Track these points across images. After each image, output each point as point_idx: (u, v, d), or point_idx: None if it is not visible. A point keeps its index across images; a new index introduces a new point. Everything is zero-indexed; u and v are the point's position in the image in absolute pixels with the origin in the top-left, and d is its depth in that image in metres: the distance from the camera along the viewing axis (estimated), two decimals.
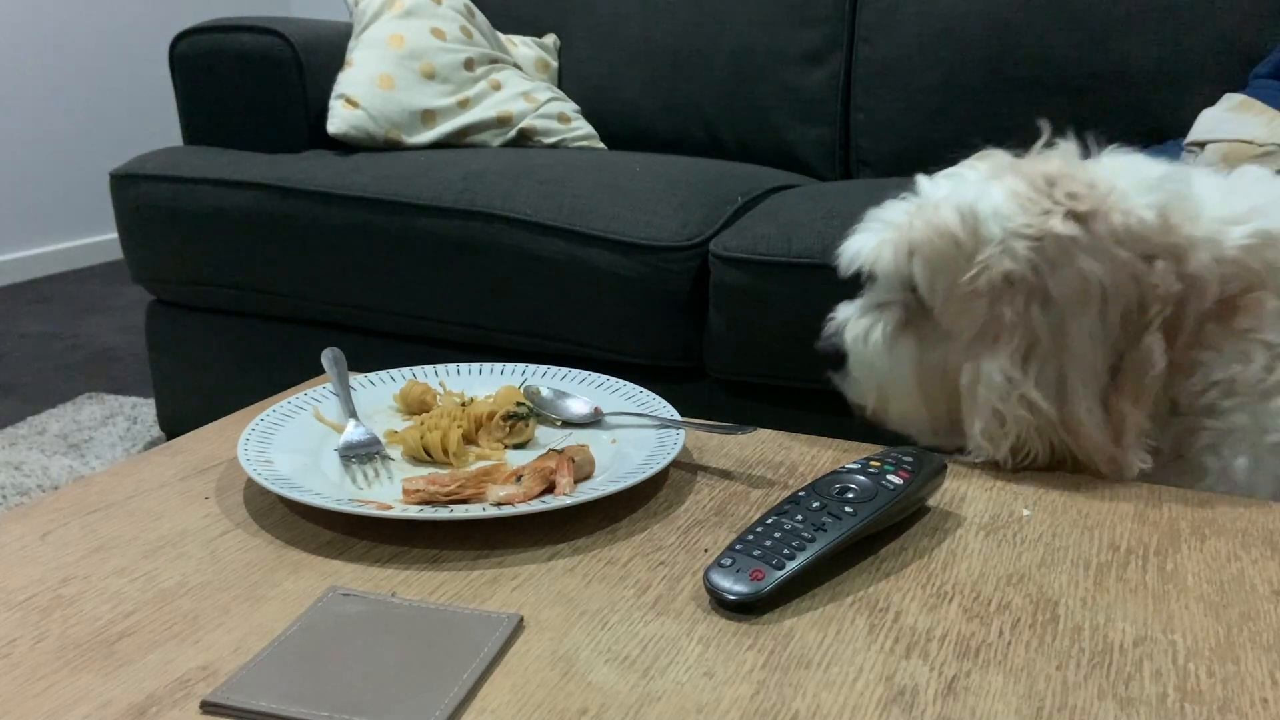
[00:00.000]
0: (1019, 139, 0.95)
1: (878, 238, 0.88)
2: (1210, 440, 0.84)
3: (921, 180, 0.90)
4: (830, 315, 0.95)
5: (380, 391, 0.95)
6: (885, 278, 0.88)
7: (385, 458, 0.82)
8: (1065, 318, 0.79)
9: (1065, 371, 0.80)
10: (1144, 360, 0.80)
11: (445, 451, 0.82)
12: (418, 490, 0.74)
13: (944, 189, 0.86)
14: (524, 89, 1.96)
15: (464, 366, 1.00)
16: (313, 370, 0.99)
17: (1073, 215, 0.80)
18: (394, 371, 0.98)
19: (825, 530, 0.67)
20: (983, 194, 0.83)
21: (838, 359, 0.92)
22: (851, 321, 0.91)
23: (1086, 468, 0.82)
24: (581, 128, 2.01)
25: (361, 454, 0.81)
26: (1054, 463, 0.83)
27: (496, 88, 1.94)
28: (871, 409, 0.91)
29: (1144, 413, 0.81)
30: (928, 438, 0.90)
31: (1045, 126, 0.90)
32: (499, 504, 0.72)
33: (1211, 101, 1.53)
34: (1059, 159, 0.86)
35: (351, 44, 1.89)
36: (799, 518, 0.68)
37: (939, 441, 0.89)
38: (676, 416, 0.88)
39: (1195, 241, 0.81)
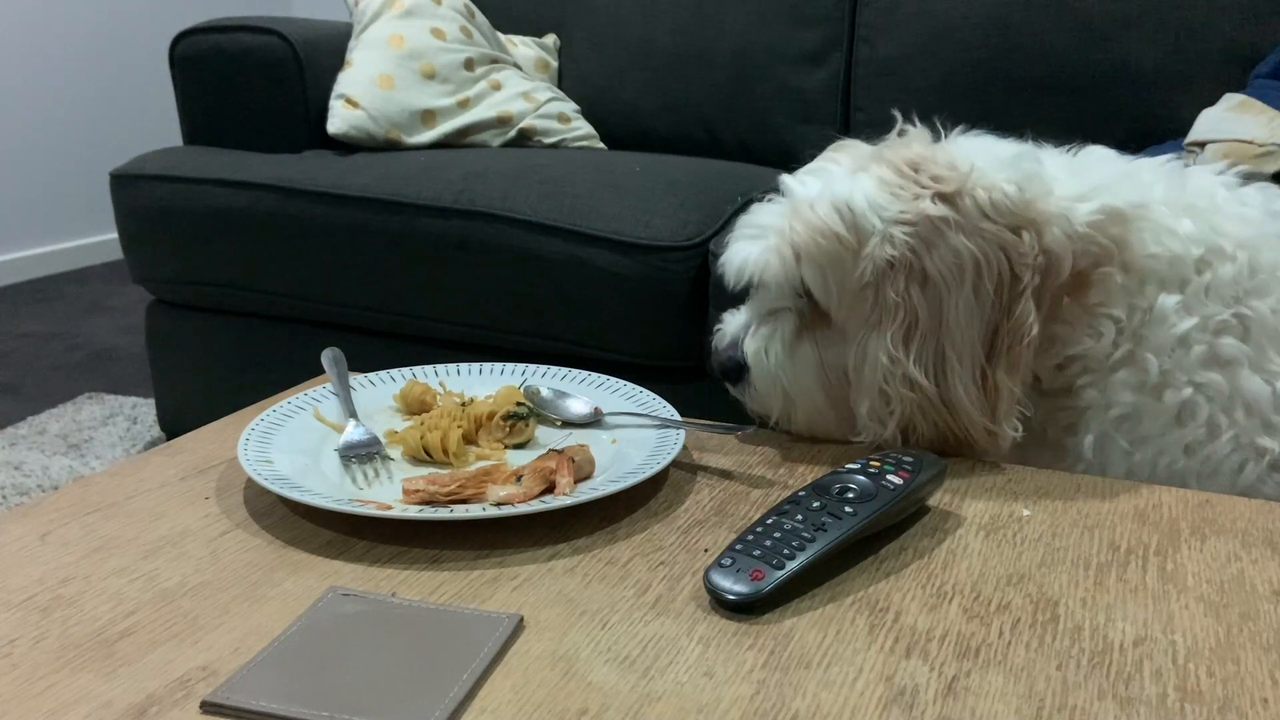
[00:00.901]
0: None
1: (759, 245, 0.87)
2: (1068, 420, 0.87)
3: (787, 180, 0.90)
4: (716, 326, 0.95)
5: (380, 391, 0.95)
6: (776, 285, 0.87)
7: (385, 458, 0.82)
8: (942, 296, 0.81)
9: (944, 348, 0.82)
10: (1018, 327, 0.82)
11: (445, 451, 0.82)
12: (418, 490, 0.74)
13: (813, 187, 0.87)
14: (524, 89, 1.96)
15: (464, 366, 1.00)
16: (313, 370, 0.99)
17: (940, 196, 0.81)
18: (394, 371, 0.98)
19: (825, 530, 0.67)
20: (854, 188, 0.83)
21: (736, 372, 0.91)
22: (750, 335, 0.90)
23: (967, 447, 0.84)
24: (581, 128, 2.01)
25: (361, 454, 0.81)
26: (938, 441, 0.84)
27: (496, 88, 1.94)
28: (776, 418, 0.90)
29: (1017, 381, 0.83)
30: (833, 438, 0.90)
31: (898, 116, 0.92)
32: (499, 504, 0.72)
33: (1211, 101, 1.53)
34: (917, 144, 0.87)
35: (351, 44, 1.90)
36: (799, 518, 0.68)
37: (839, 439, 0.89)
38: (676, 416, 0.88)
39: (1049, 216, 0.83)
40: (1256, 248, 0.84)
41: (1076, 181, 0.87)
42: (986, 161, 0.85)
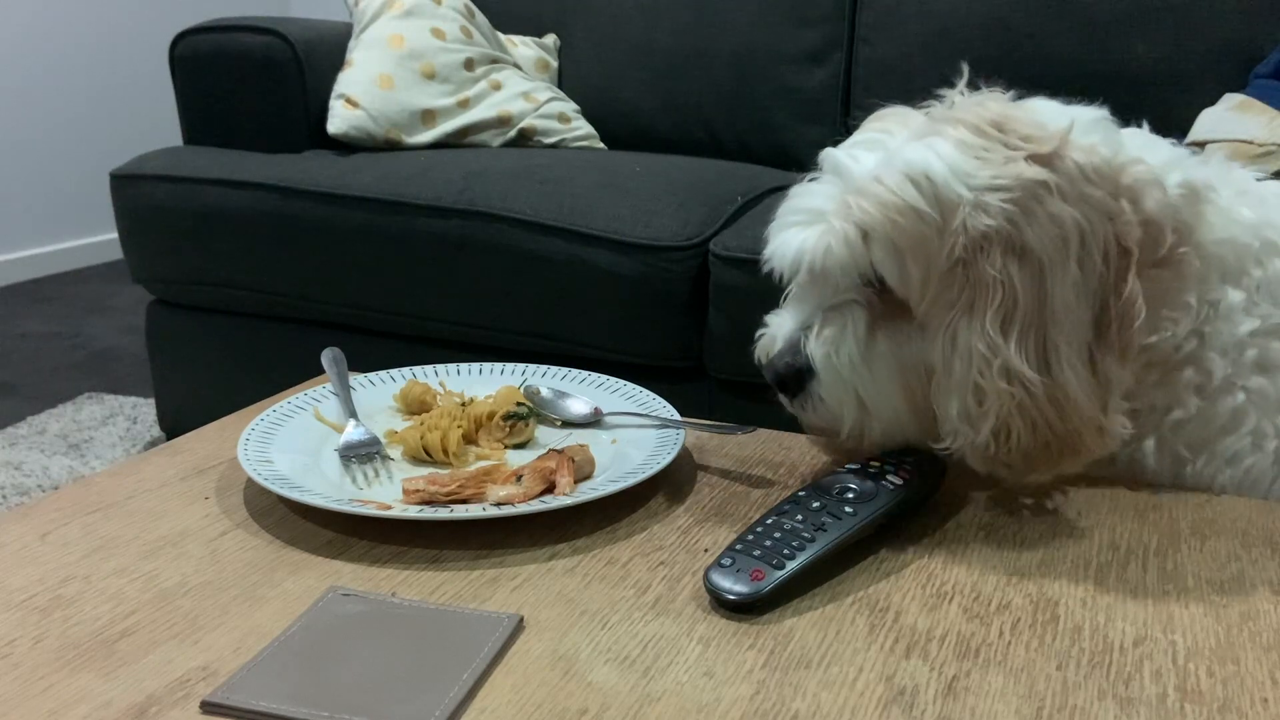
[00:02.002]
0: None
1: (815, 230, 0.75)
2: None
3: (835, 155, 0.77)
4: (759, 332, 0.83)
5: (380, 391, 0.95)
6: (841, 274, 0.74)
7: (385, 458, 0.82)
8: (1044, 272, 0.70)
9: (1048, 334, 0.70)
10: (1128, 307, 0.71)
11: (445, 451, 0.82)
12: (418, 490, 0.74)
13: (869, 160, 0.75)
14: (524, 89, 1.96)
15: (464, 366, 1.00)
16: (313, 370, 0.99)
17: (1035, 158, 0.71)
18: (394, 371, 0.98)
19: (825, 530, 0.67)
20: (929, 154, 0.72)
21: (796, 380, 0.78)
22: (813, 336, 0.77)
23: (1069, 451, 0.72)
24: (581, 128, 2.01)
25: (361, 454, 0.81)
26: (1036, 446, 0.71)
27: (496, 88, 1.94)
28: (848, 431, 0.78)
29: (1128, 370, 0.73)
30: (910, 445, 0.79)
31: (964, 71, 0.81)
32: (499, 504, 0.72)
33: (1211, 101, 1.53)
34: (993, 102, 0.77)
35: (351, 44, 1.90)
36: (799, 518, 0.68)
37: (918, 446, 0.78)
38: (676, 416, 0.87)
39: (1145, 182, 0.74)
40: None
41: (1150, 155, 0.77)
42: (1076, 126, 0.75)
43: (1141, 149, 0.78)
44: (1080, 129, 0.75)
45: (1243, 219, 0.78)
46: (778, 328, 0.81)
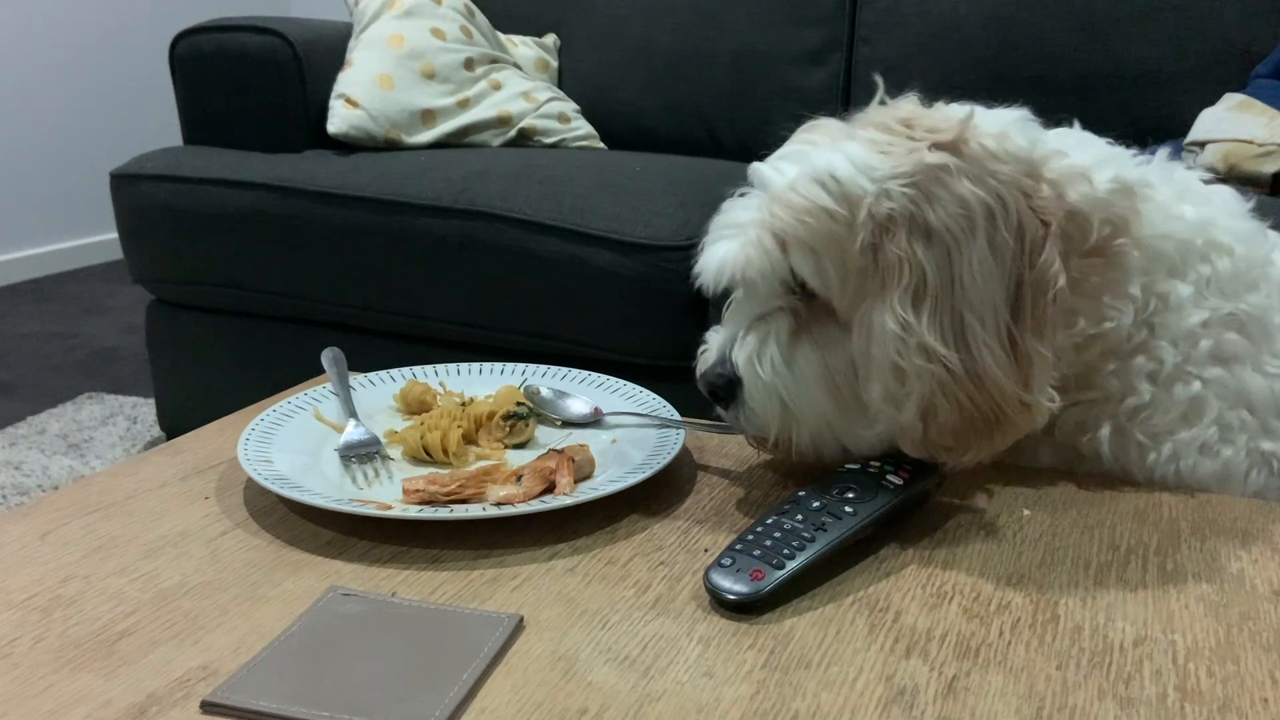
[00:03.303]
0: None
1: (737, 242, 0.77)
2: (1078, 417, 0.82)
3: (760, 168, 0.80)
4: (701, 346, 0.84)
5: (380, 391, 0.95)
6: (762, 282, 0.76)
7: (385, 458, 0.82)
8: (951, 251, 0.71)
9: (961, 312, 0.71)
10: (1041, 278, 0.72)
11: (445, 451, 0.82)
12: (418, 490, 0.74)
13: (791, 171, 0.77)
14: (524, 89, 1.96)
15: (464, 366, 1.00)
16: (313, 370, 0.99)
17: (938, 145, 0.73)
18: (394, 371, 0.98)
19: (825, 530, 0.67)
20: (836, 156, 0.74)
21: (726, 389, 0.79)
22: (738, 345, 0.79)
23: (998, 428, 0.73)
24: (581, 128, 2.01)
25: (361, 454, 0.81)
26: (963, 424, 0.72)
27: (496, 87, 1.94)
28: (774, 439, 0.78)
29: (1046, 344, 0.73)
30: (842, 454, 0.78)
31: (880, 83, 0.84)
32: (499, 504, 0.72)
33: (1211, 101, 1.53)
34: (907, 104, 0.80)
35: (351, 44, 1.90)
36: (799, 518, 0.68)
37: (850, 457, 0.78)
38: (676, 416, 0.88)
39: (1069, 175, 0.76)
40: (1245, 241, 0.82)
41: (1079, 153, 0.80)
42: (988, 122, 0.77)
43: (1072, 147, 0.80)
44: (994, 125, 0.77)
45: (1184, 215, 0.81)
46: (713, 342, 0.83)
